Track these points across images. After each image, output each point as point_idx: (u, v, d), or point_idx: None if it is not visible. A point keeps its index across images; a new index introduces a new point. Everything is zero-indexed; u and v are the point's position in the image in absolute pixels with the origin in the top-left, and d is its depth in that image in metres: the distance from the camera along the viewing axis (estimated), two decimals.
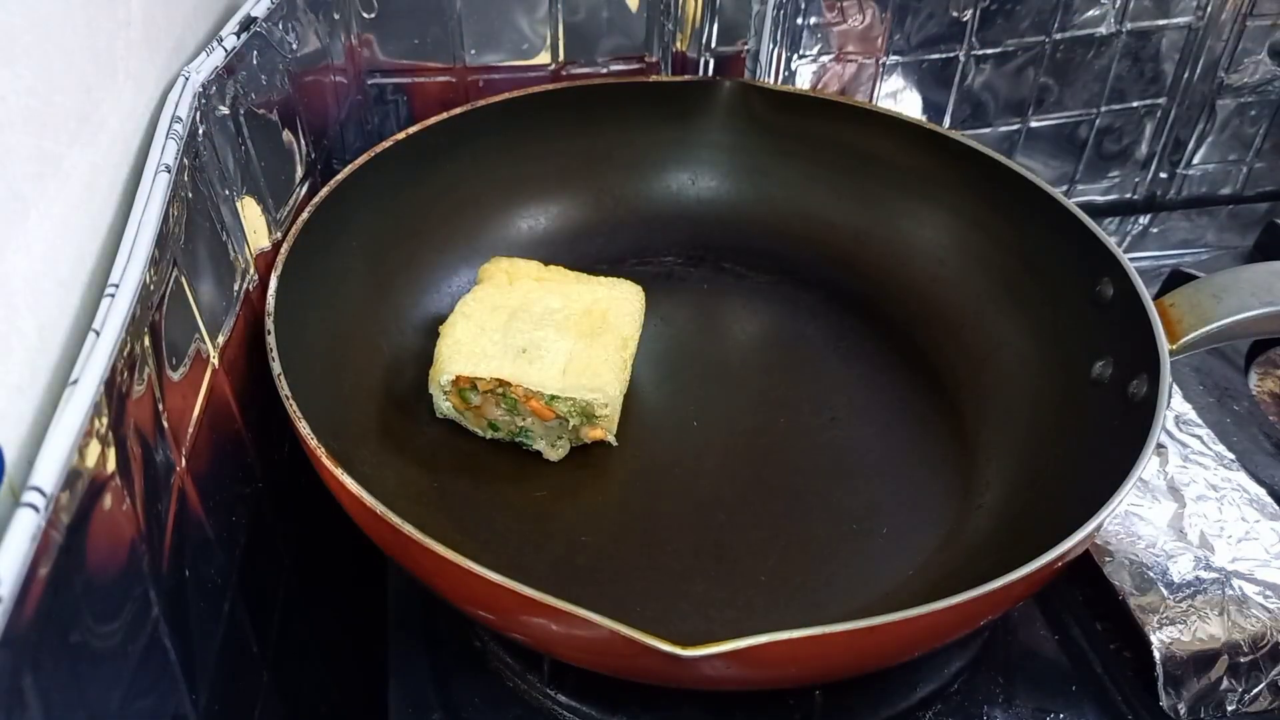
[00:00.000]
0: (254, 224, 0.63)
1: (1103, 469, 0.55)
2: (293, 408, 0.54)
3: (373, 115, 0.84)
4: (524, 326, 0.68)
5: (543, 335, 0.67)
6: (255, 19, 0.65)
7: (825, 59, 0.88)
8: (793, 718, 0.59)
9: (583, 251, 0.81)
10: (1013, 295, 0.73)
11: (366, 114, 0.83)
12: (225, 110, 0.59)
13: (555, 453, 0.68)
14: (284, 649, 0.59)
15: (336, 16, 0.77)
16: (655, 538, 0.63)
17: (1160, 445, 0.71)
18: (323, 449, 0.53)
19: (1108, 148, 0.99)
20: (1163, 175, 1.02)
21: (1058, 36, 0.89)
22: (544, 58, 0.83)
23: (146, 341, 0.45)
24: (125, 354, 0.42)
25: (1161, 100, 0.96)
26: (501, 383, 0.65)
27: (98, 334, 0.41)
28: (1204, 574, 0.63)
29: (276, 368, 0.56)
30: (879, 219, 0.81)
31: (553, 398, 0.65)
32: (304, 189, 0.71)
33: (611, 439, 0.67)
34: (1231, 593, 0.61)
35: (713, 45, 0.86)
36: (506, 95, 0.78)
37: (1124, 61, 0.93)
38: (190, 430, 0.50)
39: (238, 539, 0.55)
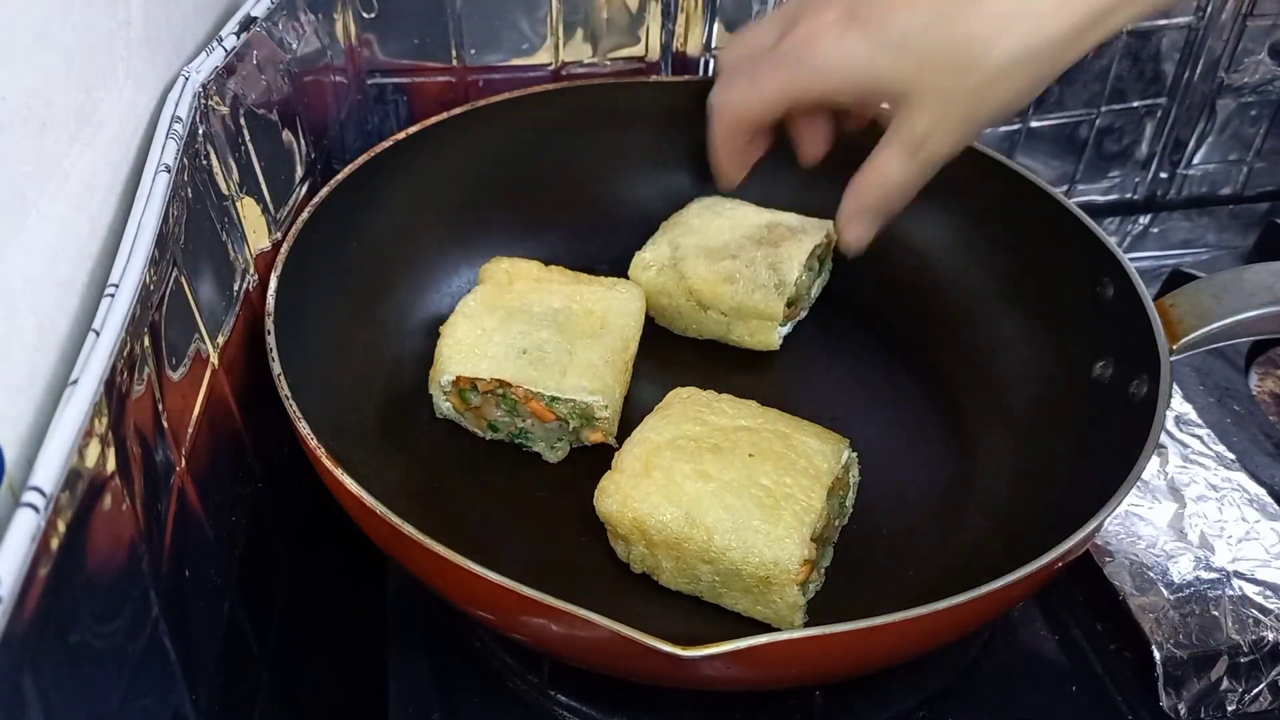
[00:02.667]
0: (254, 224, 0.63)
1: (1103, 469, 0.55)
2: (293, 408, 0.54)
3: (373, 115, 0.84)
4: (524, 327, 0.68)
5: (543, 336, 0.67)
6: (255, 19, 0.65)
7: None
8: (793, 718, 0.59)
9: (583, 251, 0.81)
10: (1013, 295, 0.73)
11: (366, 114, 0.83)
12: (225, 110, 0.59)
13: (555, 454, 0.67)
14: (284, 649, 0.59)
15: (336, 16, 0.77)
16: None
17: (1160, 445, 0.71)
18: (323, 449, 0.53)
19: (1108, 148, 0.99)
20: (1163, 175, 1.02)
21: None
22: (544, 58, 0.83)
23: (146, 341, 0.45)
24: (125, 354, 0.42)
25: (1162, 100, 0.96)
26: (502, 384, 0.65)
27: (98, 334, 0.41)
28: (1204, 574, 0.63)
29: (276, 368, 0.56)
30: None
31: (553, 399, 0.65)
32: (304, 189, 0.71)
33: (612, 441, 0.67)
34: (1231, 593, 0.61)
35: (713, 45, 0.86)
36: (506, 95, 0.78)
37: (1124, 61, 0.93)
38: (190, 430, 0.50)
39: (237, 539, 0.55)
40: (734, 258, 0.74)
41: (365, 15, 0.78)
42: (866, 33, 0.48)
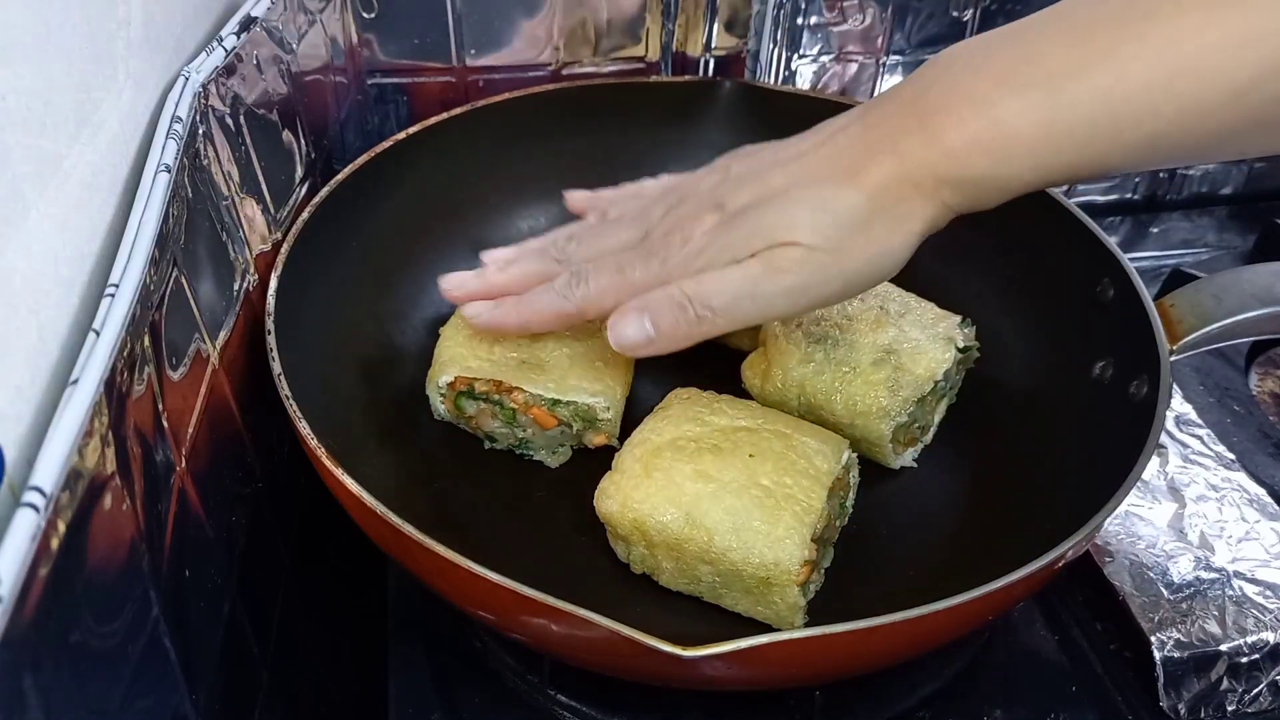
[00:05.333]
0: (254, 224, 0.63)
1: (1103, 469, 0.55)
2: (293, 408, 0.54)
3: (373, 115, 0.84)
4: None
5: (543, 337, 0.67)
6: (255, 19, 0.65)
7: (825, 59, 0.88)
8: (793, 718, 0.59)
9: None
10: (1013, 295, 0.73)
11: (366, 114, 0.83)
12: (225, 110, 0.59)
13: (556, 459, 0.67)
14: (284, 649, 0.59)
15: (336, 17, 0.77)
16: None
17: (1160, 445, 0.71)
18: (323, 449, 0.53)
19: None
20: (1163, 175, 1.02)
21: None
22: (544, 58, 0.83)
23: (146, 341, 0.45)
24: (125, 354, 0.42)
25: None
26: (499, 389, 0.65)
27: (98, 334, 0.41)
28: (1204, 574, 0.63)
29: (276, 368, 0.56)
30: None
31: (555, 402, 0.64)
32: (304, 189, 0.71)
33: (615, 443, 0.67)
34: (1231, 593, 0.62)
35: (712, 45, 0.86)
36: (506, 95, 0.78)
37: None
38: (190, 430, 0.50)
39: (238, 539, 0.55)
40: None
41: (365, 15, 0.78)
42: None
